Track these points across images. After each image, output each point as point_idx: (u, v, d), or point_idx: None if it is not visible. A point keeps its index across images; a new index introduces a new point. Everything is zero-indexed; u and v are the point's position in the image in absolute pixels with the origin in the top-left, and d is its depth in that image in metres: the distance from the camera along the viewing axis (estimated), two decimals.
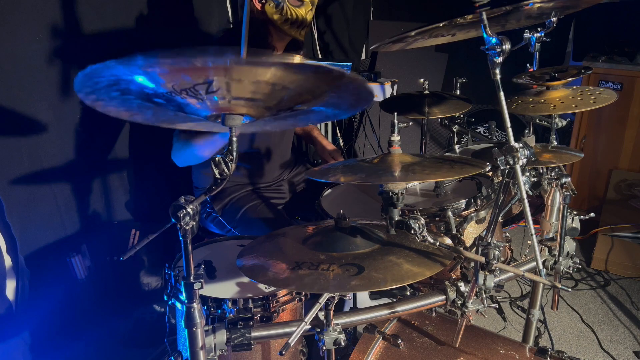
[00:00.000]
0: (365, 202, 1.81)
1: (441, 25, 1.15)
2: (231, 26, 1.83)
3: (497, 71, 1.05)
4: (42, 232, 1.91)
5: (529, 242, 1.08)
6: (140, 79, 0.81)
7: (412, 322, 1.39)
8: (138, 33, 2.13)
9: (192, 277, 1.00)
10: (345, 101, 0.96)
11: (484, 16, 1.06)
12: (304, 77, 0.83)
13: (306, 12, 1.73)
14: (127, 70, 0.79)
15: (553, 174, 1.48)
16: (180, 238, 0.97)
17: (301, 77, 0.83)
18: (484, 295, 1.14)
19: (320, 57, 3.50)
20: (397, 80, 3.06)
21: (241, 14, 2.59)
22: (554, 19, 1.76)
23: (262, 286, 1.33)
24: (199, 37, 2.42)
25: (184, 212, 0.94)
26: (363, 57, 3.90)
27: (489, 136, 3.03)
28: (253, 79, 0.80)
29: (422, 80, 1.96)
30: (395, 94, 3.01)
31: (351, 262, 1.01)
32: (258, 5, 1.71)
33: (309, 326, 1.09)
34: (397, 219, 1.07)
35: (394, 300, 1.23)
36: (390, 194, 1.06)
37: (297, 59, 0.78)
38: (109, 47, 2.03)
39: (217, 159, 0.93)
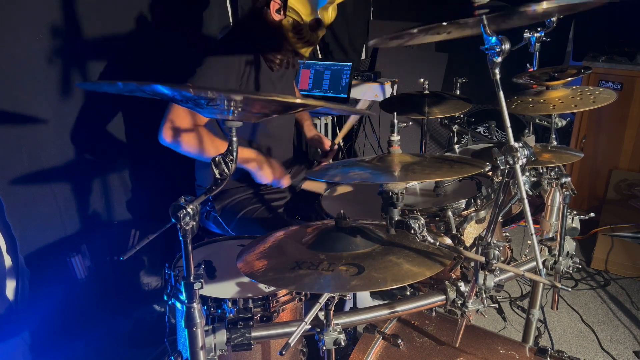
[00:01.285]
0: (365, 202, 1.81)
1: (444, 24, 1.15)
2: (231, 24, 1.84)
3: (497, 71, 1.05)
4: (42, 232, 1.91)
5: (529, 242, 1.08)
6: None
7: (412, 322, 1.39)
8: (138, 33, 2.13)
9: (192, 277, 1.00)
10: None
11: (484, 18, 1.06)
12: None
13: (319, 35, 1.74)
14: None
15: (553, 173, 1.48)
16: (180, 238, 0.97)
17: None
18: (484, 295, 1.14)
19: (320, 57, 3.50)
20: (397, 80, 3.06)
21: (241, 14, 2.60)
22: (553, 18, 1.76)
23: (262, 286, 1.33)
24: (199, 37, 2.43)
25: (184, 212, 0.94)
26: (363, 57, 3.90)
27: (489, 136, 3.03)
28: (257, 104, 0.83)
29: (422, 80, 1.96)
30: (395, 94, 3.01)
31: (351, 262, 1.01)
32: (275, 17, 1.70)
33: (309, 326, 1.09)
34: (397, 218, 1.07)
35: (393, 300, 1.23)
36: (390, 193, 1.06)
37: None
38: (109, 48, 2.03)
39: (217, 159, 0.94)
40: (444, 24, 1.14)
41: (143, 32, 2.15)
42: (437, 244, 1.04)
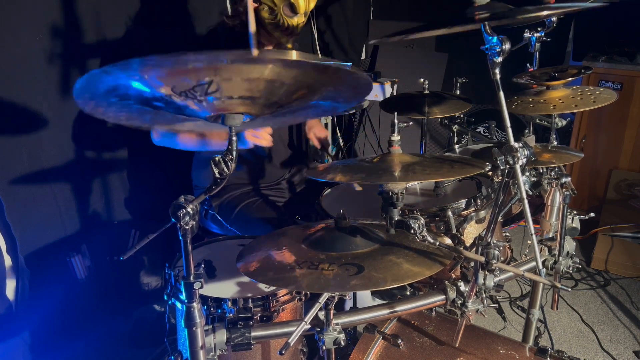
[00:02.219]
0: (365, 202, 1.81)
1: (440, 32, 1.15)
2: (225, 19, 1.83)
3: (497, 71, 1.05)
4: (42, 232, 1.91)
5: (529, 242, 1.08)
6: (137, 85, 0.82)
7: (412, 322, 1.39)
8: (139, 32, 2.13)
9: (192, 277, 1.00)
10: (343, 94, 0.97)
11: (486, 24, 1.06)
12: (302, 72, 0.84)
13: (298, 22, 1.72)
14: (125, 74, 0.80)
15: (553, 173, 1.48)
16: (180, 238, 0.97)
17: (299, 73, 0.84)
18: (484, 295, 1.14)
19: (320, 56, 3.50)
20: (397, 80, 3.06)
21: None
22: (554, 18, 1.76)
23: (262, 286, 1.33)
24: (199, 36, 2.42)
25: (184, 211, 0.94)
26: (363, 56, 3.89)
27: (489, 136, 3.03)
28: (251, 76, 0.81)
29: (422, 80, 1.95)
30: (395, 93, 3.01)
31: (351, 262, 1.01)
32: (253, 5, 1.71)
33: (309, 326, 1.09)
34: (397, 218, 1.07)
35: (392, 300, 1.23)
36: (390, 193, 1.06)
37: (294, 55, 0.78)
38: (109, 47, 2.03)
39: (217, 158, 0.93)
40: (440, 30, 1.14)
41: (144, 31, 2.15)
42: (437, 244, 1.04)
